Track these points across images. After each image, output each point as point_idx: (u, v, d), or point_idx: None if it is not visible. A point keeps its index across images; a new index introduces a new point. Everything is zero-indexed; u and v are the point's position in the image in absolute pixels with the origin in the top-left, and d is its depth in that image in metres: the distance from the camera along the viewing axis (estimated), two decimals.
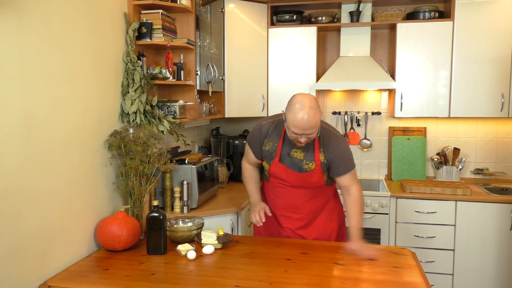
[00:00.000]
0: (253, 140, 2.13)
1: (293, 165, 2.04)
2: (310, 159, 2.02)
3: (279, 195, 2.15)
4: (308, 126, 1.80)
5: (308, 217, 2.16)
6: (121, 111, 2.29)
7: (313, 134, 1.85)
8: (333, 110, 3.84)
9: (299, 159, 2.03)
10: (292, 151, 2.03)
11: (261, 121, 2.14)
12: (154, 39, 2.47)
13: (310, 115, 1.79)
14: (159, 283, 1.63)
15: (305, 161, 2.03)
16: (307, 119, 1.78)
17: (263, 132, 2.09)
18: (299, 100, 1.82)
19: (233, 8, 3.34)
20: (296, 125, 1.81)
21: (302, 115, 1.78)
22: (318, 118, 1.82)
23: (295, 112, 1.80)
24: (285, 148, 2.04)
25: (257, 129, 2.12)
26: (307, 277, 1.68)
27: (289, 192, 2.12)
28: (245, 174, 2.29)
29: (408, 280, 1.65)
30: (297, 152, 2.03)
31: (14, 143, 1.55)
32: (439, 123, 3.66)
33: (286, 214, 2.17)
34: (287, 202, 2.14)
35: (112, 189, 2.22)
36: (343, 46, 3.56)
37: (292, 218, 2.16)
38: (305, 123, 1.79)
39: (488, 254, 3.09)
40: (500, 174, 3.57)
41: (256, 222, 2.10)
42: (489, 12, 3.19)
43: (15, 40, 1.54)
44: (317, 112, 1.82)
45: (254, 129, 2.14)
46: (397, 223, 3.20)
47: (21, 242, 1.59)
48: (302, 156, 2.02)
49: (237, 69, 3.41)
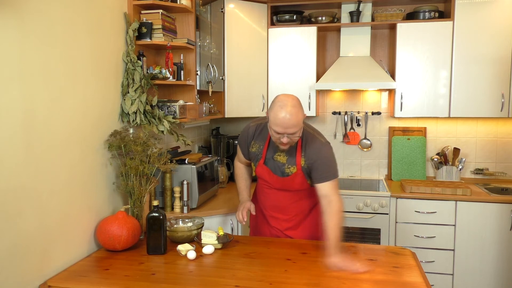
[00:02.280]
0: (242, 140, 2.17)
1: (275, 168, 2.04)
2: (292, 163, 2.01)
3: (267, 196, 2.17)
4: (290, 125, 1.80)
5: (295, 219, 2.16)
6: (121, 111, 2.29)
7: (295, 134, 1.84)
8: (333, 110, 3.84)
9: (282, 162, 2.03)
10: (275, 155, 2.03)
11: (250, 122, 2.16)
12: (154, 39, 2.47)
13: (292, 113, 1.78)
14: (159, 283, 1.63)
15: (287, 165, 2.02)
16: (289, 118, 1.78)
17: (250, 134, 2.11)
18: (281, 99, 1.83)
19: (233, 8, 3.34)
20: (277, 123, 1.81)
21: (284, 113, 1.79)
22: (300, 117, 1.82)
23: (277, 110, 1.80)
24: (270, 151, 2.05)
25: (246, 130, 2.15)
26: (307, 277, 1.68)
27: (275, 194, 2.13)
28: (236, 172, 2.34)
29: (408, 280, 1.65)
30: (280, 156, 2.02)
31: (14, 143, 1.55)
32: (439, 123, 3.66)
33: (274, 215, 2.18)
34: (274, 203, 2.15)
35: (112, 189, 2.22)
36: (343, 46, 3.56)
37: (280, 219, 2.17)
38: (287, 121, 1.79)
39: (488, 254, 3.09)
40: (500, 174, 3.57)
41: (239, 221, 2.16)
42: (489, 12, 3.19)
43: (15, 40, 1.54)
44: (299, 111, 1.81)
45: (243, 130, 2.17)
46: (397, 223, 3.20)
47: (21, 242, 1.59)
48: (285, 160, 2.02)
49: (237, 69, 3.41)
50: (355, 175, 3.84)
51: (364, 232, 3.24)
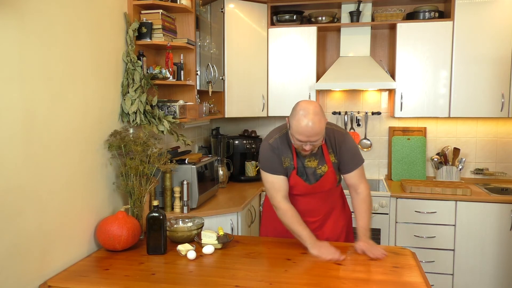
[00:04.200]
0: (272, 162, 1.98)
1: (308, 175, 2.02)
2: (322, 162, 2.01)
3: (295, 202, 2.08)
4: (312, 133, 1.79)
5: (322, 219, 2.15)
6: (121, 111, 2.29)
7: (318, 141, 1.83)
8: (333, 110, 3.84)
9: (314, 167, 2.01)
10: (306, 162, 2.01)
11: (266, 142, 2.02)
12: (154, 39, 2.47)
13: (314, 122, 1.77)
14: (159, 283, 1.63)
15: (319, 166, 2.01)
16: (312, 126, 1.77)
17: (276, 151, 1.99)
18: (303, 107, 1.81)
19: (233, 8, 3.34)
20: (300, 132, 1.80)
21: (307, 121, 1.77)
22: (322, 125, 1.81)
23: (299, 119, 1.79)
24: (299, 160, 2.01)
25: (269, 150, 1.99)
26: (307, 277, 1.68)
27: (305, 198, 2.09)
28: (288, 216, 1.95)
29: (408, 280, 1.65)
30: (310, 161, 2.01)
31: (14, 143, 1.55)
32: (439, 123, 3.66)
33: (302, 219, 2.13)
34: (305, 207, 2.09)
35: (112, 189, 2.21)
36: (343, 46, 3.56)
37: (307, 222, 2.09)
38: (310, 130, 1.78)
39: (488, 254, 3.09)
40: (500, 174, 3.57)
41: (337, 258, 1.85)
42: (489, 12, 3.19)
43: (15, 40, 1.54)
44: (322, 119, 1.80)
45: (265, 153, 1.99)
46: (397, 223, 3.20)
47: (21, 242, 1.59)
48: (316, 164, 2.01)
49: (237, 69, 3.41)
50: None
51: None
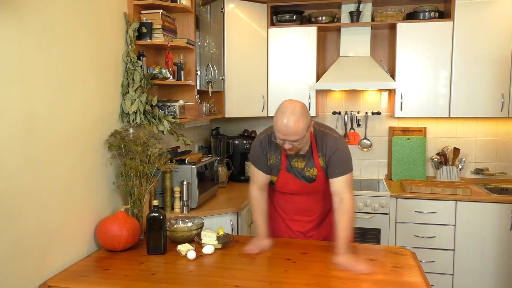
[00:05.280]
0: (257, 155, 2.05)
1: (296, 174, 2.02)
2: (311, 165, 1.99)
3: (290, 201, 2.10)
4: (288, 132, 1.77)
5: (318, 218, 2.14)
6: (121, 111, 2.29)
7: (297, 141, 1.81)
8: (333, 110, 3.84)
9: (301, 168, 2.00)
10: (293, 162, 2.00)
11: (258, 136, 2.08)
12: (154, 39, 2.47)
13: (290, 121, 1.76)
14: (159, 283, 1.63)
15: (306, 168, 1.99)
16: (286, 124, 1.76)
17: (264, 147, 2.04)
18: (283, 105, 1.81)
19: (233, 8, 3.34)
20: (277, 129, 1.80)
21: (282, 120, 1.77)
22: (300, 125, 1.78)
23: (278, 116, 1.80)
24: (287, 159, 2.01)
25: (257, 144, 2.05)
26: (307, 277, 1.68)
27: (299, 198, 2.09)
28: (252, 203, 2.10)
29: (408, 280, 1.65)
30: (297, 162, 2.00)
31: (14, 143, 1.55)
32: (439, 123, 3.66)
33: (296, 218, 2.14)
34: (299, 206, 2.10)
35: (112, 189, 2.22)
36: (343, 46, 3.56)
37: (302, 221, 2.13)
38: (285, 128, 1.77)
39: (488, 254, 3.09)
40: (500, 174, 3.57)
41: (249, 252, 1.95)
42: (489, 12, 3.19)
43: (15, 40, 1.54)
44: (300, 119, 1.77)
45: (254, 147, 2.07)
46: (397, 223, 3.20)
47: (21, 242, 1.59)
48: (303, 165, 1.99)
49: (237, 69, 3.41)
50: (355, 175, 3.83)
51: (364, 232, 3.24)
